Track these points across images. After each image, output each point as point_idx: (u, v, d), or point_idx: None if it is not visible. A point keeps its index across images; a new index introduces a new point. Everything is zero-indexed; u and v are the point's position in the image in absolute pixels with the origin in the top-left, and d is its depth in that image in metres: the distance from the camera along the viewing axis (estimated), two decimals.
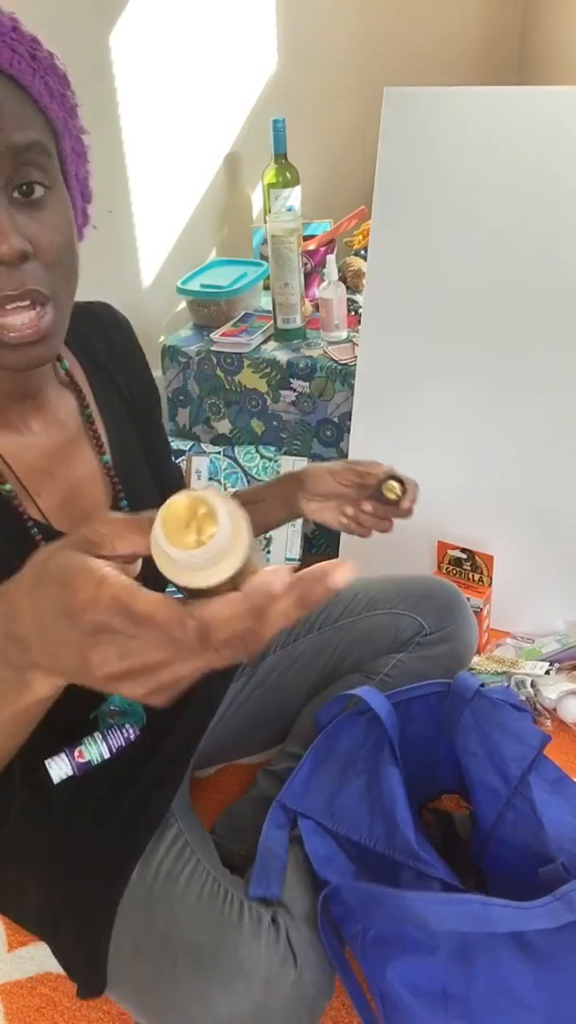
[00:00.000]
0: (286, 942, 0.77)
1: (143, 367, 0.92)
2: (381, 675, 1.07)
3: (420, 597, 1.09)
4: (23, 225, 0.60)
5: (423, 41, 2.30)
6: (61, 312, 0.64)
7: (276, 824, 0.91)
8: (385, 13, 2.18)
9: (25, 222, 0.60)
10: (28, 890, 0.85)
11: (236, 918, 0.77)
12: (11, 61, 0.58)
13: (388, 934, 0.77)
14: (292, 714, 1.12)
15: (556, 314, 1.33)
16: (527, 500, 1.41)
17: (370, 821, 0.88)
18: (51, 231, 0.61)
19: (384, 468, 0.96)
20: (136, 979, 0.77)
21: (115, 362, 0.87)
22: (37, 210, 0.61)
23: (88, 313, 0.86)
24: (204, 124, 1.80)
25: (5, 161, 0.58)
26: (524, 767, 0.87)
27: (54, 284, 0.62)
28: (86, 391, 0.82)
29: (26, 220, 0.60)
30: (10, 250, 0.57)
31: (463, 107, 1.32)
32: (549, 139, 1.27)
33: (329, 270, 1.58)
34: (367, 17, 2.14)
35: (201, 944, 0.75)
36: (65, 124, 0.64)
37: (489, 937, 0.73)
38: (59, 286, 0.63)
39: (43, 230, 0.61)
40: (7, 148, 0.57)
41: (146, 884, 0.81)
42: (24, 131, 0.58)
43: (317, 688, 1.11)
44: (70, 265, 0.65)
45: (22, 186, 0.59)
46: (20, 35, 0.60)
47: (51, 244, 0.61)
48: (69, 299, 0.66)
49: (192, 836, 0.88)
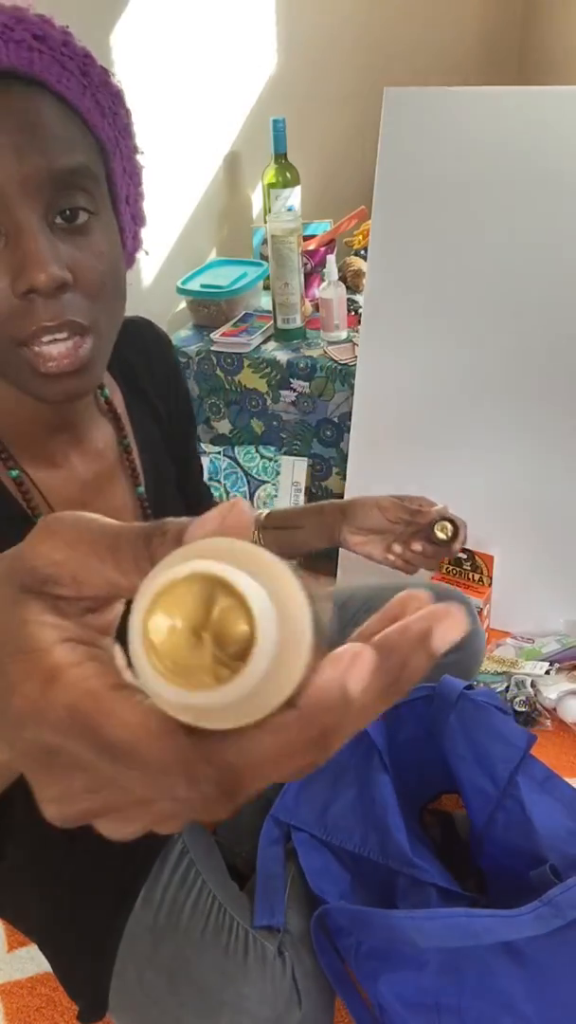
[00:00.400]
0: (291, 979, 0.78)
1: (182, 392, 0.89)
2: None
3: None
4: (64, 253, 0.56)
5: (423, 41, 2.30)
6: (102, 343, 0.60)
7: (270, 840, 0.92)
8: (385, 13, 2.18)
9: (67, 249, 0.56)
10: (31, 907, 0.85)
11: (242, 956, 0.78)
12: (59, 78, 0.55)
13: (379, 949, 0.78)
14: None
15: (556, 314, 1.32)
16: (527, 500, 1.41)
17: (363, 830, 0.89)
18: (94, 259, 0.58)
19: (437, 509, 0.94)
20: (140, 1011, 0.77)
21: (154, 386, 0.84)
22: (80, 236, 0.57)
23: (129, 331, 0.80)
24: (204, 124, 1.80)
25: (47, 186, 0.54)
26: (512, 768, 0.88)
27: (95, 315, 0.58)
28: (124, 419, 0.79)
29: (68, 247, 0.56)
30: (48, 279, 0.53)
31: (463, 107, 1.32)
32: (549, 139, 1.27)
33: (329, 270, 1.58)
34: (367, 17, 2.14)
35: (207, 984, 0.75)
36: (116, 144, 0.61)
37: (478, 947, 0.73)
38: (101, 317, 0.59)
39: (86, 258, 0.57)
40: (50, 173, 0.54)
41: (151, 912, 0.81)
42: (69, 154, 0.55)
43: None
44: (114, 295, 0.61)
45: (65, 211, 0.56)
46: (71, 50, 0.56)
47: (93, 272, 0.58)
48: (112, 330, 0.62)
49: (196, 848, 0.88)
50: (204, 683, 0.21)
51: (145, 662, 0.21)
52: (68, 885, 0.82)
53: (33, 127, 0.53)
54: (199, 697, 0.21)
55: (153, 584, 0.22)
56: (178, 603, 0.22)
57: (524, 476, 1.41)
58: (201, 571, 0.21)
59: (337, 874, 0.88)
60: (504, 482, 1.42)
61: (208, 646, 0.21)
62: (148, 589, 0.22)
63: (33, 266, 0.53)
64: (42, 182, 0.54)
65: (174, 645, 0.21)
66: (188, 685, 0.21)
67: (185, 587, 0.22)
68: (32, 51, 0.53)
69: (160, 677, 0.21)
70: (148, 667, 0.21)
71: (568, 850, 0.82)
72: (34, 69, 0.53)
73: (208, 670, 0.21)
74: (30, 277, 0.53)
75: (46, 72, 0.54)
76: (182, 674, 0.21)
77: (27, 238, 0.54)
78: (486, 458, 1.43)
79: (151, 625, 0.21)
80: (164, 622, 0.22)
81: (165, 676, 0.21)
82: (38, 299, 0.55)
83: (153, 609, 0.22)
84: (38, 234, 0.54)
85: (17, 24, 0.53)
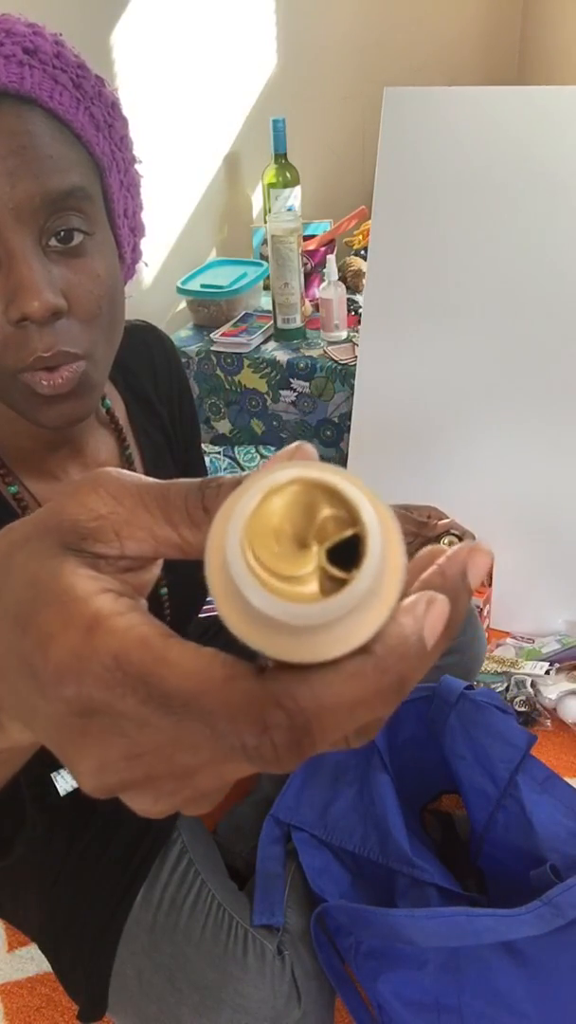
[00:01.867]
0: (291, 978, 0.78)
1: (187, 397, 0.88)
2: None
3: None
4: (59, 276, 0.54)
5: (423, 41, 2.30)
6: (98, 368, 0.59)
7: (271, 839, 0.92)
8: (385, 13, 2.18)
9: (62, 273, 0.55)
10: (30, 907, 0.85)
11: (241, 954, 0.78)
12: (52, 94, 0.53)
13: (379, 948, 0.78)
14: None
15: (556, 314, 1.32)
16: (527, 500, 1.41)
17: (363, 830, 0.89)
18: (90, 282, 0.56)
19: (444, 522, 0.93)
20: (139, 1010, 0.77)
21: (158, 392, 0.83)
22: (75, 259, 0.55)
23: (131, 337, 0.78)
24: (204, 124, 1.80)
25: (40, 210, 0.53)
26: (512, 768, 0.88)
27: (91, 341, 0.57)
28: (127, 429, 0.77)
29: (63, 270, 0.55)
30: (41, 307, 0.52)
31: (463, 107, 1.32)
32: (549, 139, 1.27)
33: (329, 270, 1.58)
34: (367, 17, 2.14)
35: (207, 983, 0.76)
36: (112, 158, 0.59)
37: (478, 947, 0.73)
38: (97, 342, 0.58)
39: (81, 281, 0.56)
40: (43, 197, 0.52)
41: (150, 911, 0.81)
42: (63, 176, 0.53)
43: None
44: (110, 318, 0.59)
45: (60, 233, 0.54)
46: (64, 62, 0.54)
47: (88, 296, 0.56)
48: (109, 353, 0.61)
49: (195, 848, 0.88)
50: (304, 595, 0.19)
51: (241, 560, 0.19)
52: (68, 885, 0.82)
53: (25, 149, 0.51)
54: (304, 611, 0.19)
55: (245, 485, 0.20)
56: (279, 511, 0.20)
57: (524, 476, 1.41)
58: (307, 477, 0.20)
59: (337, 874, 0.88)
60: (504, 482, 1.42)
61: (314, 554, 0.20)
62: (238, 486, 0.20)
63: (26, 294, 0.52)
64: (35, 206, 0.52)
65: (276, 553, 0.19)
66: (287, 594, 0.19)
67: (282, 489, 0.20)
68: (23, 66, 0.51)
69: (261, 586, 0.19)
70: (247, 573, 0.19)
71: (568, 850, 0.82)
72: (25, 87, 0.52)
73: (310, 580, 0.19)
74: (23, 305, 0.52)
75: (38, 89, 0.52)
76: (281, 585, 0.19)
77: (20, 264, 0.52)
78: (486, 458, 1.43)
79: (253, 520, 0.19)
80: (267, 529, 0.20)
81: (267, 585, 0.19)
82: (32, 327, 0.54)
83: (247, 496, 0.20)
84: (31, 260, 0.52)
85: (7, 38, 0.52)
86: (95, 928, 0.80)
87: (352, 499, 0.20)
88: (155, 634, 0.21)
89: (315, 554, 0.20)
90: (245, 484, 0.20)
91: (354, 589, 0.19)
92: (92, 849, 0.84)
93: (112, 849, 0.83)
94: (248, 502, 0.20)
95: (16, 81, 0.51)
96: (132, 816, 0.92)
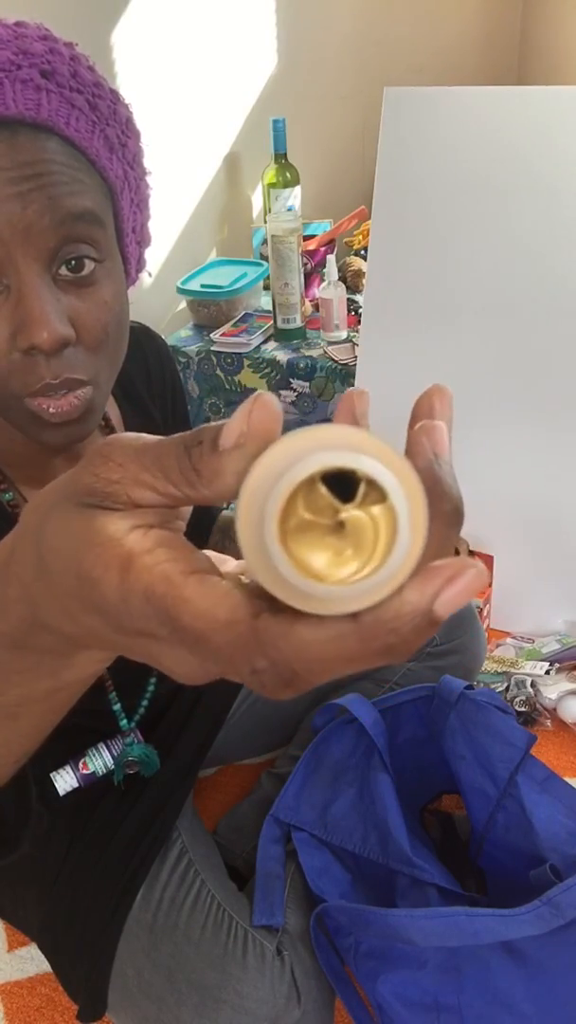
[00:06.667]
0: (291, 978, 0.77)
1: (180, 398, 0.88)
2: (391, 682, 1.07)
3: None
4: (67, 305, 0.54)
5: (423, 41, 2.30)
6: (101, 391, 0.59)
7: (271, 838, 0.92)
8: (385, 13, 2.18)
9: (70, 301, 0.55)
10: (30, 907, 0.85)
11: (240, 954, 0.78)
12: (68, 120, 0.52)
13: (378, 948, 0.77)
14: (299, 718, 1.11)
15: (555, 314, 1.32)
16: (527, 500, 1.41)
17: (364, 830, 0.89)
18: (98, 310, 0.56)
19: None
20: (139, 1010, 0.77)
21: (151, 393, 0.83)
22: (85, 288, 0.55)
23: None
24: (204, 124, 1.80)
25: (52, 239, 0.52)
26: (512, 768, 0.87)
27: (96, 368, 0.58)
28: (120, 432, 0.78)
29: (71, 299, 0.55)
30: (51, 338, 0.52)
31: (463, 107, 1.32)
32: (549, 139, 1.27)
33: (329, 270, 1.58)
34: (367, 17, 2.14)
35: (206, 982, 0.76)
36: (125, 179, 0.59)
37: (478, 947, 0.73)
38: (102, 368, 0.58)
39: (89, 309, 0.56)
40: (55, 227, 0.52)
41: (150, 910, 0.81)
42: (76, 203, 0.53)
43: (327, 692, 1.11)
44: (116, 344, 0.59)
45: (71, 262, 0.54)
46: (80, 82, 0.53)
47: (97, 324, 0.56)
48: (112, 376, 0.61)
49: (195, 848, 0.88)
50: (335, 576, 0.21)
51: (278, 545, 0.21)
52: (67, 885, 0.82)
53: (39, 177, 0.51)
54: (333, 591, 0.21)
55: (263, 459, 0.22)
56: (309, 495, 0.21)
57: (524, 476, 1.41)
58: (332, 466, 0.21)
59: (337, 874, 0.88)
60: (504, 482, 1.42)
61: (348, 535, 0.21)
62: (259, 464, 0.22)
63: (35, 324, 0.52)
64: (47, 236, 0.52)
65: (310, 540, 0.21)
66: (315, 574, 0.21)
67: (316, 461, 0.21)
68: (40, 92, 0.51)
69: (294, 564, 0.21)
70: (282, 552, 0.21)
71: (568, 850, 0.82)
72: (42, 115, 0.51)
73: (345, 572, 0.21)
74: (32, 335, 0.52)
75: (55, 116, 0.52)
76: (313, 566, 0.21)
77: (29, 293, 0.52)
78: (486, 458, 1.43)
79: (282, 506, 0.21)
80: (300, 516, 0.21)
81: (304, 570, 0.21)
82: (39, 355, 0.54)
83: (265, 474, 0.21)
84: (41, 289, 0.52)
85: (24, 59, 0.51)
86: (95, 928, 0.80)
87: (384, 485, 0.21)
88: (176, 571, 0.24)
89: (343, 533, 0.21)
90: (264, 470, 0.22)
91: (375, 578, 0.21)
92: (92, 849, 0.84)
93: (112, 849, 0.83)
94: (275, 503, 0.21)
95: (33, 109, 0.51)
96: (132, 816, 0.91)
